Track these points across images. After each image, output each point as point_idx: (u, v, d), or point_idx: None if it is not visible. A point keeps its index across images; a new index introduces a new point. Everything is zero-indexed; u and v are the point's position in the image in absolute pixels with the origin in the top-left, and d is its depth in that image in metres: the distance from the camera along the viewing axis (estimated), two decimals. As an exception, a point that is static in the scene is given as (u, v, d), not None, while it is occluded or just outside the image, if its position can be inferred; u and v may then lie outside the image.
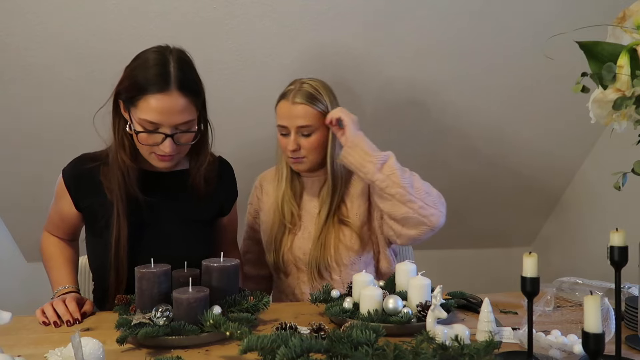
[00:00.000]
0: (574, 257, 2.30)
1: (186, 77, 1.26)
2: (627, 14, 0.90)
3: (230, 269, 1.23)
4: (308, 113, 1.48)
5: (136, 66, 1.27)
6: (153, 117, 1.23)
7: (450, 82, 1.99)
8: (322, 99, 1.50)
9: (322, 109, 1.50)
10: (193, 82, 1.29)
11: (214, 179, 1.45)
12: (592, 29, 0.95)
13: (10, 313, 0.97)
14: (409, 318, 1.13)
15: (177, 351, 1.04)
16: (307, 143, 1.50)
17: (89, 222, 1.42)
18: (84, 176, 1.37)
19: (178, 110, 1.24)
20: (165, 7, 1.71)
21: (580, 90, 0.91)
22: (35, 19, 1.68)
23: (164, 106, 1.23)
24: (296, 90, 1.50)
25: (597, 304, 0.82)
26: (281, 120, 1.51)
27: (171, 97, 1.23)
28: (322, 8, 1.76)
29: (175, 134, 1.27)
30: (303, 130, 1.49)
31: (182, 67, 1.26)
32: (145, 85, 1.23)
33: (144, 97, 1.23)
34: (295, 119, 1.48)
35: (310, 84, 1.51)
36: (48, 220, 1.49)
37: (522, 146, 2.20)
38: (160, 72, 1.23)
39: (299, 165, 1.54)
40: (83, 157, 1.41)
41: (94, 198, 1.36)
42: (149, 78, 1.23)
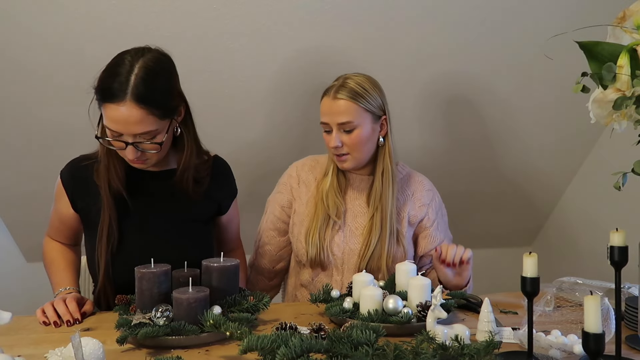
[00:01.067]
0: (574, 257, 2.30)
1: (146, 88, 1.22)
2: (627, 14, 0.90)
3: (230, 269, 1.23)
4: (349, 109, 1.45)
5: (105, 69, 1.26)
6: (111, 125, 1.23)
7: (451, 82, 1.99)
8: (366, 94, 1.47)
9: (365, 105, 1.46)
10: (155, 93, 1.24)
11: (205, 178, 1.43)
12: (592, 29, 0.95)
13: (10, 313, 0.97)
14: (409, 318, 1.13)
15: (177, 351, 1.04)
16: (349, 140, 1.47)
17: (85, 222, 1.42)
18: (79, 176, 1.38)
19: (133, 121, 1.21)
20: (166, 7, 1.71)
21: (580, 90, 0.92)
22: (34, 19, 1.68)
23: (119, 116, 1.21)
24: (338, 85, 1.47)
25: (597, 304, 0.82)
26: (323, 116, 1.49)
27: (125, 107, 1.20)
28: (323, 8, 1.76)
29: (136, 142, 1.25)
30: (344, 126, 1.46)
31: (145, 77, 1.23)
32: (106, 93, 1.22)
33: (104, 105, 1.23)
34: (335, 115, 1.46)
35: (354, 79, 1.48)
36: (49, 225, 1.49)
37: (522, 146, 2.20)
38: (119, 82, 1.21)
39: (344, 164, 1.51)
40: (79, 157, 1.42)
41: (88, 198, 1.37)
42: (110, 86, 1.22)
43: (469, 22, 1.84)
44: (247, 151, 2.04)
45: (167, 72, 1.31)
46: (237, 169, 1.60)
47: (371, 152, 1.52)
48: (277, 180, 1.69)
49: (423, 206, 1.61)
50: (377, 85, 1.52)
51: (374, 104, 1.48)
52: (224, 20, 1.76)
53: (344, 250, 1.53)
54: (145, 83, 1.22)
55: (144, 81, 1.22)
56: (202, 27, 1.76)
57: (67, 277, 1.42)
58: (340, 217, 1.54)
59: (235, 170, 1.59)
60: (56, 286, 1.40)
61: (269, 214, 1.65)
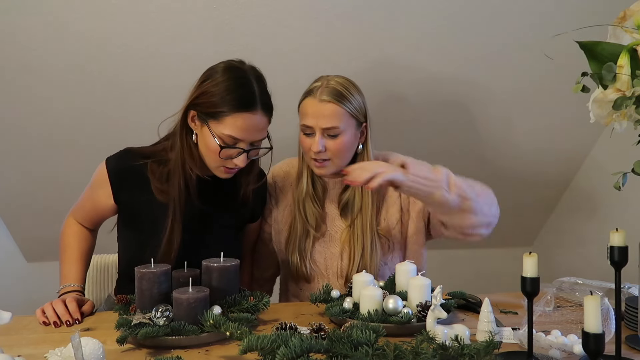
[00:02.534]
0: (574, 257, 2.30)
1: (267, 97, 1.33)
2: (627, 14, 0.90)
3: (230, 269, 1.23)
4: (336, 113, 1.37)
5: (218, 82, 1.29)
6: (237, 133, 1.28)
7: (451, 82, 1.99)
8: (352, 98, 1.40)
9: (350, 109, 1.39)
10: (270, 100, 1.34)
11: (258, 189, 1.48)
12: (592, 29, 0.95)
13: (10, 313, 0.97)
14: (409, 318, 1.13)
15: (177, 351, 1.04)
16: (333, 145, 1.39)
17: (126, 216, 1.43)
18: (130, 171, 1.37)
19: (260, 128, 1.31)
20: (166, 7, 1.71)
21: (581, 90, 0.92)
22: (34, 18, 1.68)
23: (250, 124, 1.28)
24: (323, 87, 1.39)
25: (597, 304, 0.82)
26: (306, 119, 1.40)
27: (256, 116, 1.29)
28: (323, 7, 1.76)
29: (250, 150, 1.32)
30: (330, 131, 1.38)
31: (262, 87, 1.32)
32: (232, 103, 1.27)
33: (232, 115, 1.27)
34: (322, 118, 1.37)
35: (337, 80, 1.41)
36: (78, 207, 1.48)
37: (522, 146, 2.20)
38: (246, 92, 1.28)
39: (322, 170, 1.43)
40: (130, 151, 1.41)
41: (137, 194, 1.37)
42: (236, 97, 1.27)
43: (469, 22, 1.84)
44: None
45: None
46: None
47: (350, 159, 1.45)
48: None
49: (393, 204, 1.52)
50: (360, 89, 1.46)
51: (358, 108, 1.42)
52: (224, 20, 1.76)
53: (326, 256, 1.50)
54: (265, 93, 1.32)
55: (264, 91, 1.32)
56: (202, 27, 1.76)
57: (76, 271, 1.42)
58: (319, 227, 1.49)
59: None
60: (63, 277, 1.41)
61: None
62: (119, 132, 1.91)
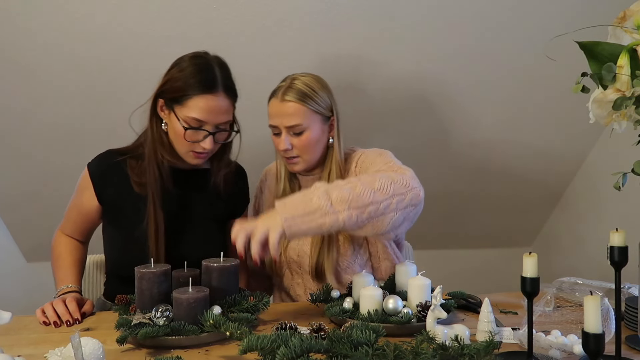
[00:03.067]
0: (574, 257, 2.30)
1: (229, 81, 1.38)
2: (627, 14, 0.90)
3: (230, 269, 1.23)
4: (298, 111, 1.40)
5: (182, 69, 1.35)
6: (200, 115, 1.32)
7: (451, 83, 1.99)
8: (315, 96, 1.43)
9: (314, 107, 1.42)
10: (233, 85, 1.39)
11: (232, 179, 1.51)
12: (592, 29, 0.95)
13: (10, 313, 0.97)
14: (409, 318, 1.13)
15: (177, 351, 1.04)
16: (298, 142, 1.42)
17: (110, 214, 1.44)
18: (110, 168, 1.42)
19: (223, 110, 1.35)
20: (165, 7, 1.71)
21: (580, 90, 0.92)
22: (33, 20, 1.68)
23: (212, 106, 1.32)
24: (286, 87, 1.42)
25: (597, 304, 0.82)
26: (271, 119, 1.45)
27: (218, 98, 1.33)
28: (323, 8, 1.76)
29: (216, 132, 1.35)
30: (293, 129, 1.41)
31: (226, 73, 1.38)
32: (194, 86, 1.32)
33: (194, 97, 1.32)
34: (284, 117, 1.41)
35: (301, 79, 1.44)
36: (64, 219, 1.51)
37: (523, 146, 2.20)
38: (208, 75, 1.33)
39: (294, 166, 1.48)
40: (110, 151, 1.45)
41: (119, 191, 1.41)
42: (198, 80, 1.32)
43: (469, 23, 1.84)
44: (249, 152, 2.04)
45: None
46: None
47: (321, 153, 1.48)
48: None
49: None
50: (326, 86, 1.48)
51: (322, 105, 1.44)
52: (224, 20, 1.76)
53: (299, 253, 1.51)
54: (227, 76, 1.37)
55: (226, 75, 1.37)
56: (202, 27, 1.77)
57: (71, 275, 1.43)
58: None
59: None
60: (59, 282, 1.42)
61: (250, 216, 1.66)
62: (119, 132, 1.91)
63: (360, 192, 1.18)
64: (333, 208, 1.15)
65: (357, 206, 1.17)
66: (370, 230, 1.21)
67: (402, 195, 1.22)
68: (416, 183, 1.27)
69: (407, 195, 1.23)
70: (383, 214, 1.19)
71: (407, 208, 1.23)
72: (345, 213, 1.15)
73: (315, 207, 1.15)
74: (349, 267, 1.48)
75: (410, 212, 1.24)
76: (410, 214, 1.25)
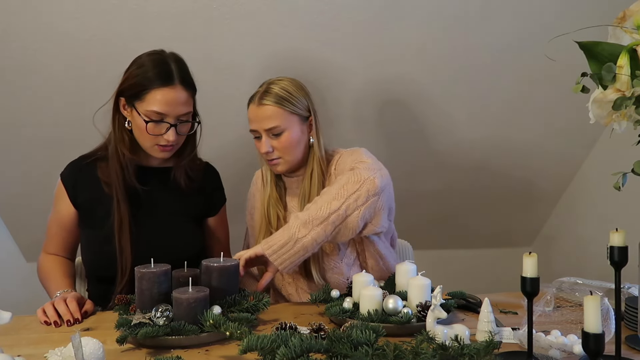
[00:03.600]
0: (574, 257, 2.30)
1: (186, 74, 1.41)
2: (627, 14, 0.90)
3: (230, 269, 1.23)
4: (275, 113, 1.44)
5: (139, 65, 1.39)
6: (160, 107, 1.35)
7: (451, 83, 1.99)
8: (291, 98, 1.46)
9: (291, 109, 1.46)
10: (190, 78, 1.42)
11: (198, 175, 1.53)
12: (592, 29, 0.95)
13: (10, 313, 0.97)
14: (409, 318, 1.13)
15: (177, 351, 1.04)
16: (278, 144, 1.46)
17: (85, 217, 1.45)
18: (81, 173, 1.46)
19: (181, 102, 1.37)
20: (165, 7, 1.71)
21: (580, 90, 0.92)
22: (33, 19, 1.68)
23: (169, 98, 1.35)
24: (262, 91, 1.47)
25: (597, 304, 0.82)
26: (251, 124, 1.49)
27: (176, 90, 1.36)
28: (322, 8, 1.76)
29: (177, 124, 1.38)
30: (272, 131, 1.45)
31: (182, 67, 1.41)
32: (152, 80, 1.35)
33: (151, 91, 1.35)
34: (262, 121, 1.45)
35: (277, 83, 1.48)
36: (47, 237, 1.51)
37: (522, 146, 2.20)
38: (165, 69, 1.37)
39: (277, 167, 1.50)
40: (80, 157, 1.50)
41: (91, 193, 1.43)
42: (156, 74, 1.36)
43: (470, 22, 1.84)
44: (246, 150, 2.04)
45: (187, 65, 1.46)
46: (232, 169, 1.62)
47: (302, 153, 1.51)
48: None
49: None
50: (302, 87, 1.52)
51: (299, 106, 1.48)
52: (224, 20, 1.76)
53: None
54: (183, 70, 1.40)
55: (182, 69, 1.40)
56: (202, 27, 1.77)
57: (64, 283, 1.42)
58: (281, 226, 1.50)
59: (228, 170, 1.61)
60: (53, 292, 1.40)
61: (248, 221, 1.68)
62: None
63: (319, 207, 1.32)
64: (301, 233, 1.30)
65: (319, 222, 1.30)
66: (347, 234, 1.34)
67: (357, 192, 1.32)
68: (369, 172, 1.34)
69: (362, 190, 1.32)
70: (347, 216, 1.32)
71: (368, 201, 1.32)
72: (312, 233, 1.30)
73: (291, 233, 1.30)
74: (336, 267, 1.49)
75: (376, 202, 1.34)
76: (377, 203, 1.34)
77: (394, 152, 2.13)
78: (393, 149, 2.13)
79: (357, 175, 1.35)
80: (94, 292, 1.47)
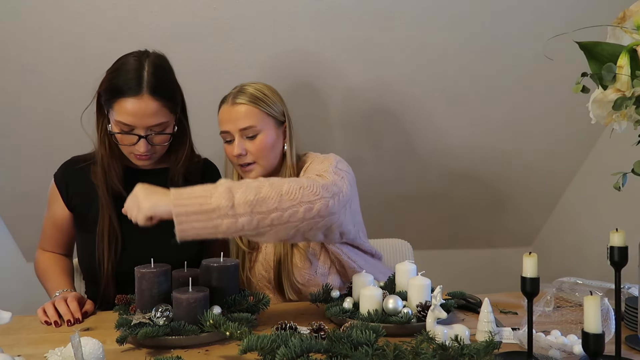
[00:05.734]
0: (574, 257, 2.30)
1: (159, 81, 1.31)
2: (627, 14, 0.90)
3: (230, 269, 1.23)
4: (250, 112, 1.38)
5: (113, 70, 1.33)
6: (126, 119, 1.29)
7: (451, 84, 1.99)
8: (266, 99, 1.41)
9: (267, 110, 1.40)
10: (166, 86, 1.34)
11: (196, 177, 1.46)
12: (592, 29, 0.95)
13: (10, 313, 0.97)
14: (409, 318, 1.13)
15: (177, 351, 1.04)
16: (252, 146, 1.38)
17: (79, 220, 1.44)
18: (73, 176, 1.44)
19: (149, 113, 1.30)
20: (165, 7, 1.71)
21: (580, 90, 0.92)
22: (34, 19, 1.68)
23: (136, 109, 1.28)
24: (236, 92, 1.41)
25: (597, 304, 0.82)
26: (222, 125, 1.41)
27: (142, 100, 1.29)
28: (322, 8, 1.76)
29: (148, 135, 1.32)
30: (247, 132, 1.37)
31: (155, 72, 1.32)
32: (120, 89, 1.29)
33: (118, 100, 1.29)
34: (236, 121, 1.38)
35: (252, 85, 1.43)
36: (42, 236, 1.51)
37: (522, 146, 2.20)
38: (133, 77, 1.29)
39: (249, 174, 1.41)
40: (72, 159, 1.47)
41: (84, 196, 1.41)
42: (123, 82, 1.29)
43: (470, 22, 1.84)
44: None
45: (170, 69, 1.39)
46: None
47: (277, 160, 1.44)
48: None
49: None
50: (276, 92, 1.47)
51: (275, 108, 1.42)
52: (224, 20, 1.76)
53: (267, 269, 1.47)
54: (157, 78, 1.31)
55: (156, 76, 1.31)
56: (202, 27, 1.76)
57: (63, 281, 1.42)
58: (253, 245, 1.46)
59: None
60: (52, 291, 1.40)
61: None
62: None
63: (265, 195, 1.10)
64: (234, 210, 1.07)
65: (260, 211, 1.09)
66: (273, 237, 1.14)
67: (309, 204, 1.14)
68: (328, 192, 1.17)
69: (315, 205, 1.14)
70: (287, 222, 1.12)
71: (314, 218, 1.15)
72: (245, 217, 1.08)
73: (214, 206, 1.06)
74: (311, 279, 1.43)
75: (319, 223, 1.16)
76: (319, 224, 1.17)
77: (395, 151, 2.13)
78: (394, 149, 2.13)
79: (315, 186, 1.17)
80: (90, 293, 1.48)
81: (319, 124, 2.03)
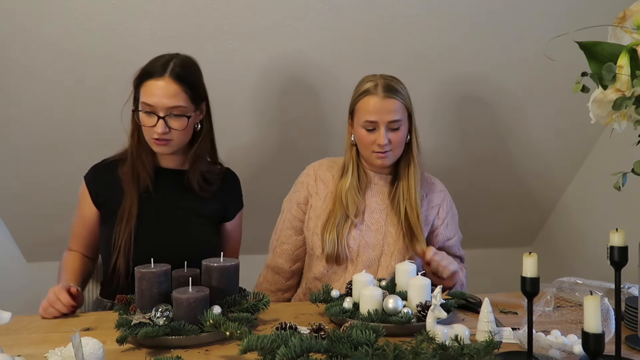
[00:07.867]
0: (574, 257, 2.30)
1: (183, 70, 1.42)
2: (627, 14, 0.90)
3: (230, 269, 1.23)
4: (398, 107, 1.50)
5: (147, 63, 1.44)
6: (148, 99, 1.39)
7: (451, 84, 1.99)
8: (407, 95, 1.54)
9: (408, 105, 1.53)
10: (189, 75, 1.44)
11: (216, 180, 1.54)
12: (592, 29, 0.95)
13: (10, 313, 0.97)
14: (409, 318, 1.13)
15: (177, 351, 1.04)
16: (395, 137, 1.51)
17: (105, 215, 1.48)
18: (101, 173, 1.51)
19: (169, 93, 1.38)
20: (165, 7, 1.71)
21: (580, 90, 0.92)
22: (33, 19, 1.68)
23: (157, 89, 1.38)
24: (380, 85, 1.50)
25: (597, 304, 0.82)
26: (370, 115, 1.49)
27: (164, 81, 1.39)
28: (323, 8, 1.76)
29: (167, 116, 1.39)
30: (393, 124, 1.49)
31: (182, 64, 1.43)
32: (148, 72, 1.41)
33: (145, 83, 1.40)
34: (387, 113, 1.48)
35: (386, 78, 1.53)
36: (71, 235, 1.55)
37: (522, 146, 2.20)
38: (161, 63, 1.41)
39: (385, 160, 1.54)
40: (103, 160, 1.54)
41: (111, 193, 1.46)
42: (152, 67, 1.41)
43: (471, 21, 1.84)
44: (248, 150, 2.04)
45: (198, 68, 1.50)
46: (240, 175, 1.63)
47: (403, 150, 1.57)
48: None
49: (435, 206, 1.64)
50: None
51: (408, 101, 1.54)
52: (224, 20, 1.76)
53: (360, 244, 1.54)
54: (182, 67, 1.42)
55: (181, 66, 1.42)
56: (202, 27, 1.76)
57: (67, 278, 1.42)
58: (359, 215, 1.57)
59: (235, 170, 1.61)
60: None
61: (286, 213, 1.67)
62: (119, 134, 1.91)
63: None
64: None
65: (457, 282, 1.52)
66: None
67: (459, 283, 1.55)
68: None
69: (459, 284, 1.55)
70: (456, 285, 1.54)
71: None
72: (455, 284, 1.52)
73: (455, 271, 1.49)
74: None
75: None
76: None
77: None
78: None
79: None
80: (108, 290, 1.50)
81: (318, 125, 2.03)
